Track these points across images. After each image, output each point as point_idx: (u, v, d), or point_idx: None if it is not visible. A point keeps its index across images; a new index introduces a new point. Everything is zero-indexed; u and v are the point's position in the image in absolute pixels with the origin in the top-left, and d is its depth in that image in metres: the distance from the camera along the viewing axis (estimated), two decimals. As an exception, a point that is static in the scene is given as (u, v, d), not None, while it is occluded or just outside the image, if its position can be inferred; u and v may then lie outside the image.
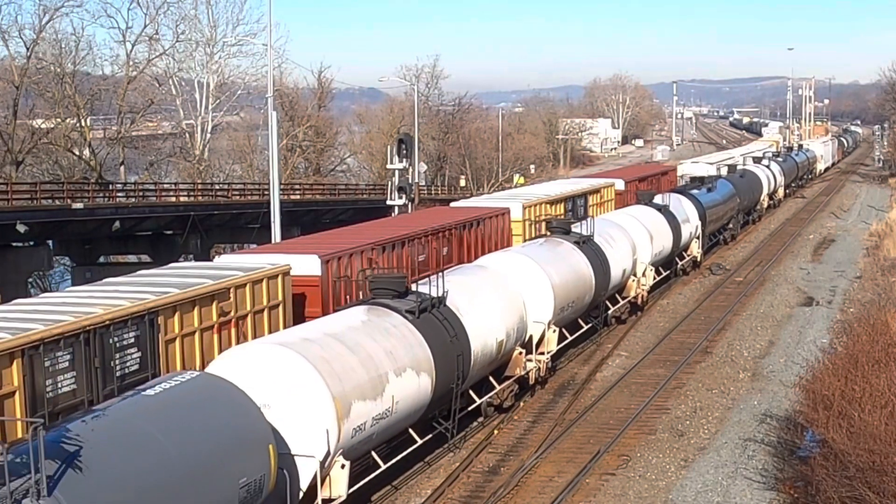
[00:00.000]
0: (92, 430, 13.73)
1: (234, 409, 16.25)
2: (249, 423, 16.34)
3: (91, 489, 12.84)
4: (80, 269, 54.04)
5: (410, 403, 21.25)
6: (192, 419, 15.50)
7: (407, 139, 47.54)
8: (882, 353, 22.31)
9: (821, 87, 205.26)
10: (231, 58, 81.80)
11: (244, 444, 16.03)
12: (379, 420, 19.97)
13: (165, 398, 15.45)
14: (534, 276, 28.71)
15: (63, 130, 66.92)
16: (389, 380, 20.44)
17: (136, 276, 23.02)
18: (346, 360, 19.45)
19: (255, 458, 16.13)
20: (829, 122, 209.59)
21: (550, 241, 32.98)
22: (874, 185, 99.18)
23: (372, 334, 20.96)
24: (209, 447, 15.36)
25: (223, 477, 15.37)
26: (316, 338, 19.62)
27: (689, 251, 47.79)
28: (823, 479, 17.91)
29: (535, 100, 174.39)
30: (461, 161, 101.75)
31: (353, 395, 19.07)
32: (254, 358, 18.44)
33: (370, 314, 21.89)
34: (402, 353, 21.22)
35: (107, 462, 13.40)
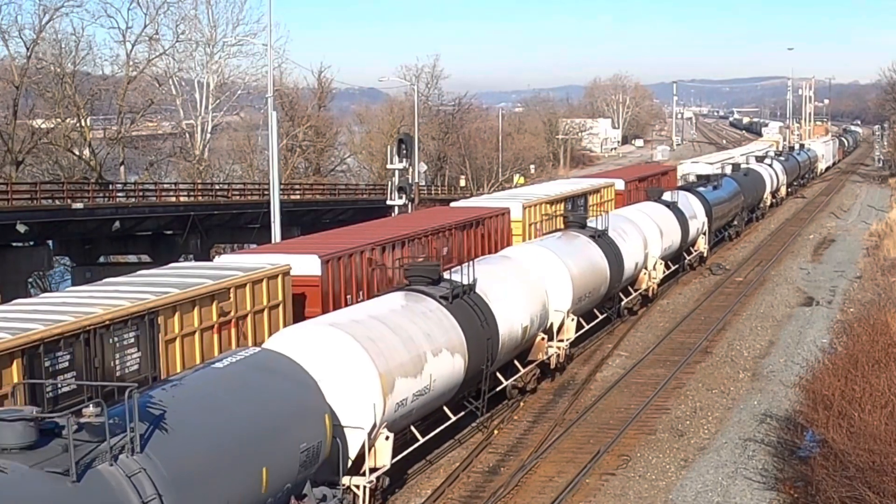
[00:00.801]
0: (173, 397, 15.10)
1: (293, 381, 17.73)
2: (308, 394, 17.81)
3: (175, 448, 14.22)
4: (80, 269, 54.01)
5: (446, 382, 22.79)
6: (257, 389, 16.93)
7: (407, 139, 47.54)
8: (882, 353, 22.32)
9: (821, 87, 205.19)
10: (231, 58, 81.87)
11: (304, 412, 17.46)
12: (418, 396, 21.49)
13: (233, 370, 16.95)
14: (554, 267, 30.26)
15: (63, 130, 66.90)
16: (427, 359, 21.98)
17: (136, 276, 23.02)
18: (389, 340, 20.97)
19: (314, 426, 17.58)
20: (829, 122, 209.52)
21: (567, 234, 34.50)
22: (874, 185, 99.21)
23: (411, 317, 22.52)
24: (273, 414, 16.70)
25: (286, 441, 16.77)
26: (362, 319, 21.27)
27: (697, 247, 49.43)
28: (823, 479, 17.92)
29: (535, 100, 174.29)
30: (461, 161, 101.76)
31: (397, 372, 20.59)
32: (307, 337, 19.99)
33: (408, 299, 23.53)
34: (438, 335, 22.76)
35: (187, 424, 14.78)
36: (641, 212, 42.15)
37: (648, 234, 40.07)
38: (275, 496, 16.49)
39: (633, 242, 37.89)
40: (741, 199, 60.84)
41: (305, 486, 17.64)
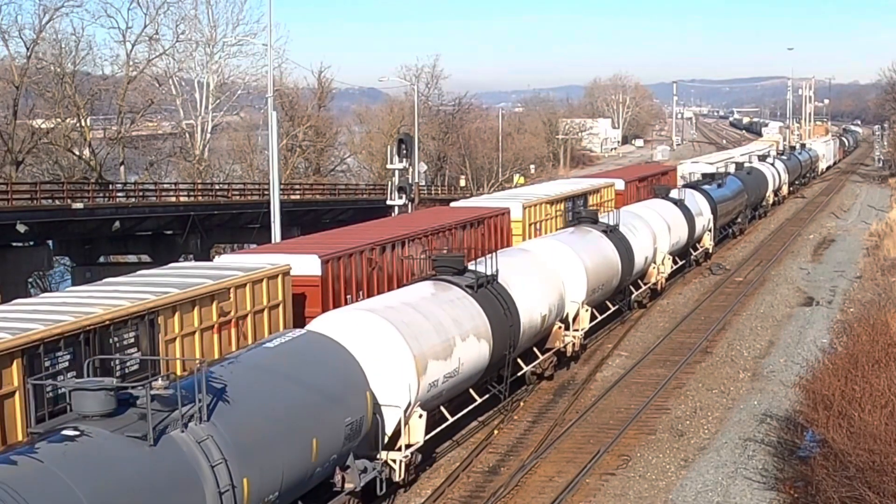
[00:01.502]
0: (231, 373, 16.59)
1: (338, 360, 19.32)
2: (351, 372, 19.38)
3: (236, 418, 15.75)
4: (80, 269, 54.00)
5: (472, 365, 24.23)
6: (306, 366, 18.52)
7: (407, 139, 47.53)
8: (882, 353, 22.31)
9: (821, 87, 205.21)
10: (231, 58, 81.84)
11: (348, 389, 19.03)
12: (448, 378, 22.92)
13: (283, 349, 18.54)
14: (570, 259, 31.74)
15: (63, 130, 66.88)
16: (456, 343, 23.36)
17: (136, 276, 23.00)
18: (421, 325, 22.38)
19: (357, 402, 19.13)
20: (829, 122, 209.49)
21: (580, 229, 35.91)
22: (874, 185, 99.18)
23: (440, 304, 23.97)
24: (321, 390, 18.26)
25: (333, 415, 18.30)
26: (396, 306, 22.76)
27: (702, 243, 50.66)
28: (823, 479, 17.91)
29: (535, 100, 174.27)
30: (461, 161, 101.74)
31: (429, 354, 22.01)
32: (347, 321, 21.32)
33: (436, 287, 25.01)
34: (465, 321, 24.18)
35: (246, 397, 16.36)
36: (650, 208, 43.46)
37: (657, 229, 41.37)
38: (322, 465, 18.01)
39: (643, 238, 39.21)
40: (745, 197, 62.04)
41: (349, 457, 19.12)
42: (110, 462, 13.51)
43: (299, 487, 17.55)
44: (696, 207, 48.88)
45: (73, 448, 13.35)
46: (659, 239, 41.32)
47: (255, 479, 15.78)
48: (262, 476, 16.07)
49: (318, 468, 17.87)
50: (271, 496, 16.41)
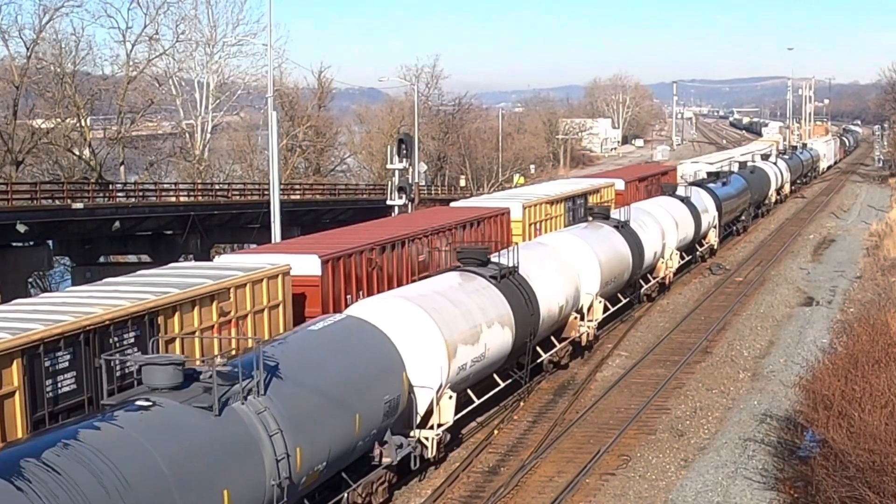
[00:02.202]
0: (282, 352, 18.07)
1: (377, 342, 20.84)
2: (389, 354, 20.88)
3: (289, 393, 17.18)
4: (80, 269, 53.97)
5: (497, 351, 25.58)
6: (349, 347, 20.13)
7: (407, 139, 47.53)
8: (882, 353, 22.30)
9: (821, 87, 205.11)
10: (231, 58, 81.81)
11: (387, 369, 20.56)
12: (476, 362, 24.26)
13: (327, 332, 20.13)
14: (584, 253, 33.13)
15: (63, 130, 66.82)
16: (483, 330, 24.73)
17: (136, 276, 23.01)
18: (451, 312, 23.73)
19: (394, 381, 20.63)
20: (829, 122, 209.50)
21: (592, 224, 37.40)
22: (874, 185, 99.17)
23: (466, 293, 25.35)
24: (363, 369, 19.89)
25: (374, 393, 19.83)
26: (427, 294, 24.13)
27: (708, 239, 52.07)
28: (823, 479, 17.91)
29: (535, 100, 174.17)
30: (461, 161, 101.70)
31: (458, 340, 23.32)
32: (382, 307, 22.54)
33: (462, 278, 26.42)
34: (489, 309, 25.55)
35: (296, 374, 17.76)
36: (658, 205, 44.98)
37: (665, 226, 42.83)
38: (363, 439, 19.54)
39: (652, 233, 40.67)
40: (748, 196, 63.39)
41: (386, 433, 20.55)
42: (181, 429, 14.90)
43: (343, 459, 19.08)
44: (702, 205, 50.21)
45: (148, 416, 14.73)
46: (667, 235, 42.72)
47: (306, 449, 17.19)
48: (313, 446, 17.46)
49: (359, 442, 19.41)
50: (320, 466, 17.86)
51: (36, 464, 12.74)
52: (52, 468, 12.79)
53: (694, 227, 47.65)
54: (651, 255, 40.13)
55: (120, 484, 13.29)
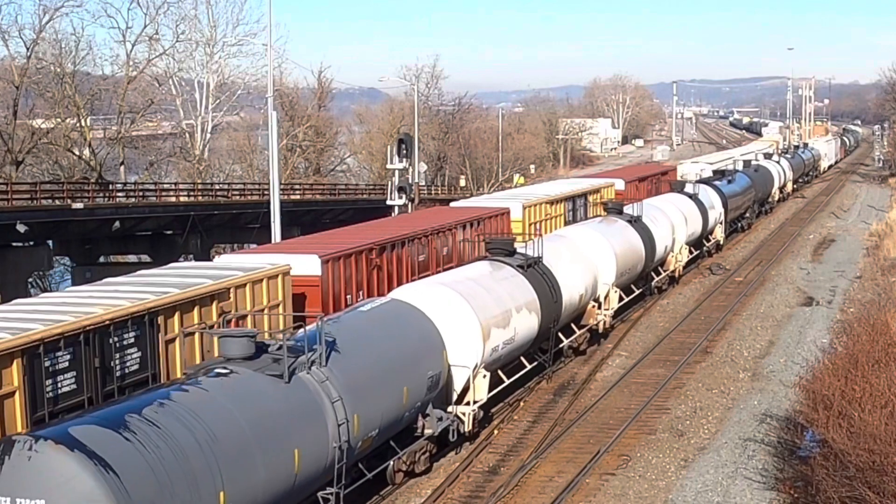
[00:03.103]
0: (338, 329, 19.72)
1: (419, 323, 22.59)
2: (431, 334, 22.63)
3: (346, 365, 18.94)
4: (80, 269, 53.98)
5: (524, 335, 27.14)
6: (396, 327, 21.90)
7: (407, 139, 47.54)
8: (882, 353, 22.30)
9: (821, 87, 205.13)
10: (231, 58, 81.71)
11: (429, 347, 22.33)
12: (506, 344, 25.87)
13: (375, 313, 22.03)
14: (601, 246, 34.80)
15: (63, 130, 66.81)
16: (512, 314, 26.32)
17: (136, 276, 23.00)
18: (484, 297, 25.34)
19: (436, 359, 22.39)
20: (829, 122, 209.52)
21: (607, 219, 39.19)
22: (874, 185, 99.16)
23: (496, 280, 26.98)
24: (409, 346, 21.72)
25: (419, 368, 21.62)
26: (461, 280, 25.83)
27: (714, 235, 53.72)
28: (823, 479, 17.91)
29: (535, 100, 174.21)
30: (461, 161, 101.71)
31: (491, 323, 24.90)
32: (422, 292, 24.10)
33: (491, 266, 28.07)
34: (517, 295, 27.12)
35: (351, 349, 19.47)
36: (668, 201, 46.71)
37: (675, 221, 44.41)
38: (409, 410, 21.32)
39: (663, 228, 42.27)
40: (753, 193, 65.16)
41: (428, 406, 22.28)
42: (257, 394, 16.74)
43: (393, 427, 20.89)
44: (709, 201, 51.84)
45: (227, 382, 16.55)
46: (677, 230, 44.29)
47: (363, 416, 19.00)
48: (368, 414, 19.23)
49: (406, 413, 21.23)
50: (373, 432, 19.71)
51: (139, 418, 14.61)
52: (153, 422, 14.65)
53: (702, 222, 49.25)
54: (662, 248, 41.80)
55: (209, 438, 15.13)
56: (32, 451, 13.53)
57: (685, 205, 47.77)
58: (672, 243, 43.72)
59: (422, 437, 22.31)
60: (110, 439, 13.98)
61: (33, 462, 13.50)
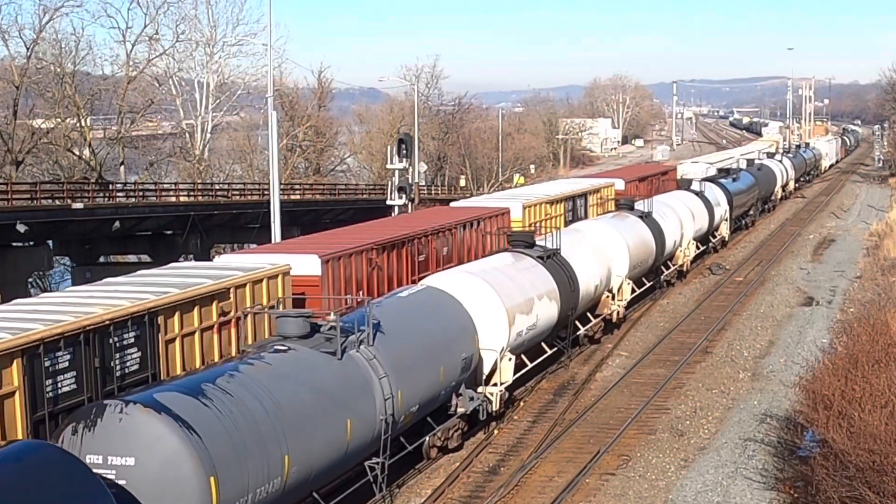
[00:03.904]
0: (380, 313, 21.02)
1: (453, 308, 24.16)
2: (463, 318, 24.23)
3: (390, 344, 20.53)
4: (80, 269, 53.96)
5: (545, 321, 28.77)
6: (433, 311, 23.50)
7: (407, 139, 47.50)
8: (882, 353, 22.31)
9: (821, 87, 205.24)
10: (231, 58, 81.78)
11: (462, 331, 23.86)
12: (529, 330, 27.53)
13: (413, 298, 23.66)
14: (614, 239, 36.48)
15: (63, 130, 66.80)
16: (535, 302, 27.93)
17: (136, 276, 22.98)
18: (509, 285, 26.93)
19: (468, 342, 23.94)
20: (829, 122, 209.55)
21: (619, 215, 40.75)
22: (874, 185, 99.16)
23: (519, 270, 28.61)
24: (445, 329, 23.25)
25: (454, 350, 23.17)
26: (488, 270, 27.54)
27: (720, 231, 55.37)
28: (823, 479, 17.91)
29: (535, 100, 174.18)
30: (461, 161, 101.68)
31: (516, 309, 26.53)
32: (454, 280, 25.74)
33: (514, 257, 29.70)
34: (539, 284, 28.77)
35: (394, 330, 21.02)
36: (677, 198, 48.41)
37: (683, 217, 46.02)
38: (445, 389, 22.85)
39: (672, 223, 43.86)
40: (756, 191, 67.06)
41: (461, 386, 23.81)
42: (314, 368, 18.47)
43: (430, 404, 22.40)
44: (715, 199, 53.47)
45: (287, 357, 18.18)
46: (685, 225, 45.91)
47: (405, 392, 20.56)
48: (410, 391, 20.76)
49: (442, 391, 22.73)
50: (414, 408, 21.21)
51: (214, 387, 16.14)
52: (226, 391, 16.20)
53: (708, 219, 50.97)
54: (671, 243, 43.37)
55: (275, 406, 16.67)
56: (123, 414, 14.87)
57: (692, 202, 49.38)
58: (680, 238, 45.12)
59: (455, 415, 23.77)
60: (191, 405, 15.39)
61: (124, 424, 14.84)
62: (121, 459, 14.73)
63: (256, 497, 15.93)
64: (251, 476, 15.80)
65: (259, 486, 15.97)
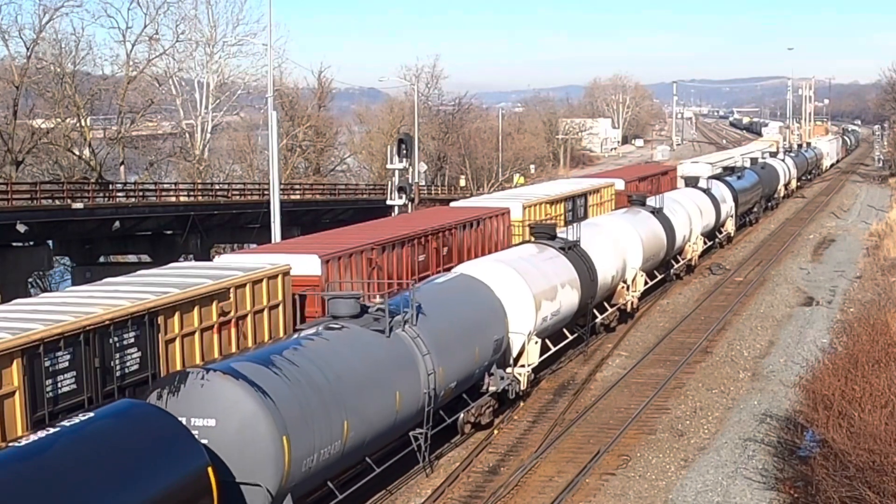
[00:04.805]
0: (421, 297, 22.54)
1: (485, 294, 25.96)
2: (495, 303, 26.00)
3: (431, 325, 22.25)
4: (80, 269, 53.96)
5: (567, 308, 30.54)
6: (466, 296, 25.31)
7: (407, 139, 47.48)
8: (882, 353, 22.31)
9: (821, 87, 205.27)
10: (231, 58, 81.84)
11: (494, 315, 25.66)
12: (553, 316, 29.32)
13: (448, 284, 25.53)
14: (629, 233, 38.18)
15: (63, 130, 66.79)
16: (558, 290, 29.67)
17: (136, 276, 23.00)
18: (535, 274, 28.64)
19: (499, 325, 25.73)
20: (829, 122, 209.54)
21: (631, 210, 42.14)
22: (874, 185, 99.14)
23: (542, 260, 30.43)
24: (479, 312, 25.04)
25: (487, 332, 24.93)
26: (515, 259, 29.27)
27: (725, 227, 57.15)
28: (823, 479, 17.91)
29: (535, 100, 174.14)
30: (461, 161, 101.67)
31: (542, 296, 28.37)
32: (484, 268, 27.57)
33: (537, 248, 31.51)
34: (561, 273, 30.52)
35: (433, 312, 22.68)
36: (685, 195, 50.09)
37: (692, 213, 47.56)
38: (479, 368, 24.60)
39: (681, 219, 45.38)
40: (760, 189, 68.76)
41: (493, 367, 25.62)
42: (366, 344, 20.31)
43: (466, 382, 24.05)
44: (721, 196, 55.21)
45: (342, 334, 20.03)
46: (693, 221, 47.40)
47: (445, 368, 22.28)
48: (449, 368, 22.45)
49: (476, 370, 24.49)
50: (452, 384, 22.96)
51: (282, 359, 17.90)
52: (292, 362, 17.93)
53: (715, 215, 52.84)
54: (681, 237, 44.87)
55: (336, 376, 18.52)
56: (204, 380, 16.38)
57: (700, 198, 51.09)
58: (689, 233, 46.69)
59: (487, 394, 25.44)
60: (264, 373, 17.07)
61: (205, 389, 16.34)
62: (203, 421, 16.12)
63: (320, 457, 17.69)
64: (317, 437, 17.51)
65: (323, 447, 17.73)
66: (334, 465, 18.48)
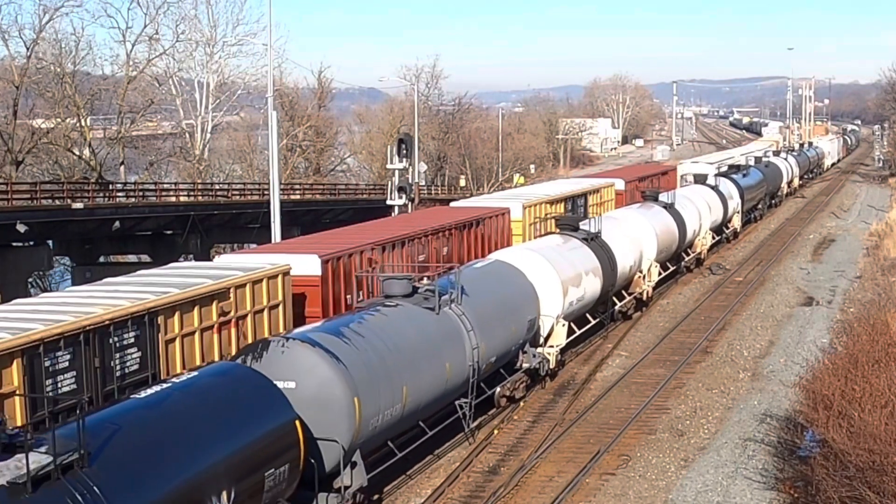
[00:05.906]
0: (463, 279, 24.36)
1: (520, 278, 28.18)
2: (528, 287, 28.17)
3: (473, 304, 24.33)
4: (80, 269, 53.94)
5: (591, 294, 32.75)
6: (505, 279, 27.52)
7: (407, 139, 47.49)
8: (882, 353, 22.31)
9: (821, 87, 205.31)
10: (231, 58, 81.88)
11: (528, 297, 27.87)
12: (579, 301, 31.48)
13: (486, 269, 27.57)
14: (644, 226, 40.34)
15: (63, 130, 66.78)
16: (582, 277, 31.81)
17: (136, 276, 22.98)
18: (562, 261, 30.82)
19: (532, 307, 27.98)
20: (829, 122, 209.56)
21: (645, 205, 44.26)
22: (874, 185, 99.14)
23: (568, 249, 32.59)
24: (516, 294, 27.34)
25: (522, 313, 27.21)
26: (545, 247, 31.49)
27: (732, 223, 59.38)
28: (823, 479, 17.91)
29: (535, 100, 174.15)
30: (461, 161, 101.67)
31: (569, 282, 30.55)
32: (517, 255, 29.81)
33: (562, 239, 33.70)
34: (585, 262, 32.66)
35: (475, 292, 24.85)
36: (695, 191, 52.38)
37: (701, 208, 49.47)
38: (514, 345, 26.84)
39: (692, 214, 47.30)
40: (765, 187, 71.03)
41: (526, 345, 27.87)
42: (419, 320, 22.42)
43: (504, 358, 26.29)
44: (728, 192, 57.42)
45: (398, 311, 22.19)
46: (703, 216, 49.40)
47: (487, 344, 24.31)
48: (490, 344, 24.51)
49: (512, 347, 26.64)
50: (492, 359, 25.06)
51: (349, 330, 20.14)
52: (359, 333, 20.13)
53: (723, 211, 55.07)
54: (691, 232, 46.80)
55: (395, 346, 20.70)
56: (284, 347, 18.57)
57: (709, 195, 53.38)
58: (699, 228, 48.71)
59: (520, 370, 27.58)
60: (336, 342, 19.22)
61: (286, 355, 18.48)
62: (284, 383, 17.83)
63: (384, 418, 19.76)
64: (382, 399, 19.58)
65: (387, 409, 19.76)
66: (395, 426, 20.57)
